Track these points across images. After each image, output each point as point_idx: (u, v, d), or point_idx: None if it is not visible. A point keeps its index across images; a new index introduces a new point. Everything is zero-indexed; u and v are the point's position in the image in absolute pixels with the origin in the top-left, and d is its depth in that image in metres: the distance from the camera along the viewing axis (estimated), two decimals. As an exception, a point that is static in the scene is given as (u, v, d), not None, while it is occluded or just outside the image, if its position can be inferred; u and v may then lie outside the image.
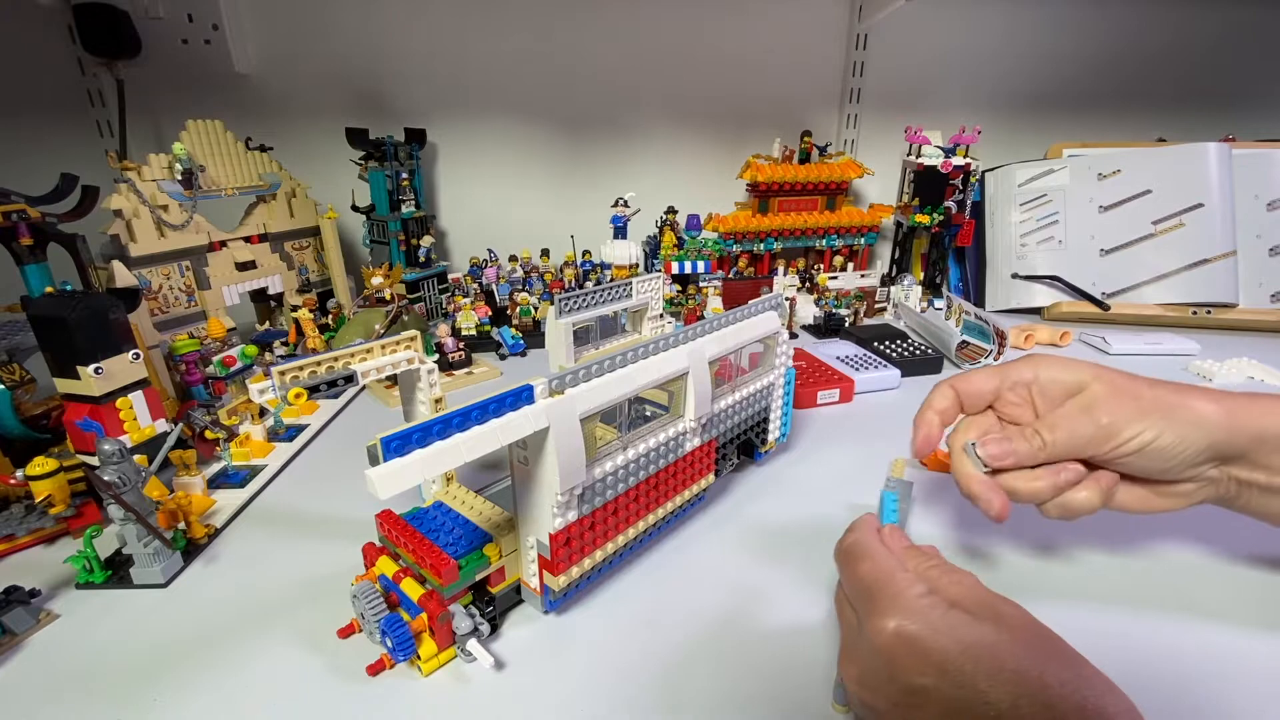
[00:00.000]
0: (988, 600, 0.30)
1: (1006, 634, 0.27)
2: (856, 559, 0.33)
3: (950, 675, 0.26)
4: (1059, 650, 0.28)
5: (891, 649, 0.28)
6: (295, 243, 0.92)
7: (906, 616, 0.28)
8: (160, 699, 0.36)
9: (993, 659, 0.26)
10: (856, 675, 0.30)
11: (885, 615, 0.29)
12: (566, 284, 0.99)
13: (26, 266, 0.61)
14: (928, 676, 0.27)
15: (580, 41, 1.11)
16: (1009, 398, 0.41)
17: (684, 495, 0.48)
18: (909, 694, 0.27)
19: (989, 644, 0.27)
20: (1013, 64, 1.23)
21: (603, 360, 0.39)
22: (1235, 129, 1.15)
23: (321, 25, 1.04)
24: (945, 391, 0.42)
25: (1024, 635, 0.28)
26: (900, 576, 0.31)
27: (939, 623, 0.28)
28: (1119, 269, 1.01)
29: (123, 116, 0.98)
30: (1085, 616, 0.41)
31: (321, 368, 0.40)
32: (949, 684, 0.26)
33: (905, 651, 0.28)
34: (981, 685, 0.26)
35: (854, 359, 0.80)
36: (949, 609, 0.28)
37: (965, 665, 0.26)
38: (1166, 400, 0.36)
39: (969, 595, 0.30)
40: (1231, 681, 0.36)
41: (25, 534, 0.48)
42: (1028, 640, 0.27)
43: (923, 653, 0.27)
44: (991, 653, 0.27)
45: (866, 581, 0.31)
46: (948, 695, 0.26)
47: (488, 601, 0.39)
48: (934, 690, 0.26)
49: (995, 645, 0.27)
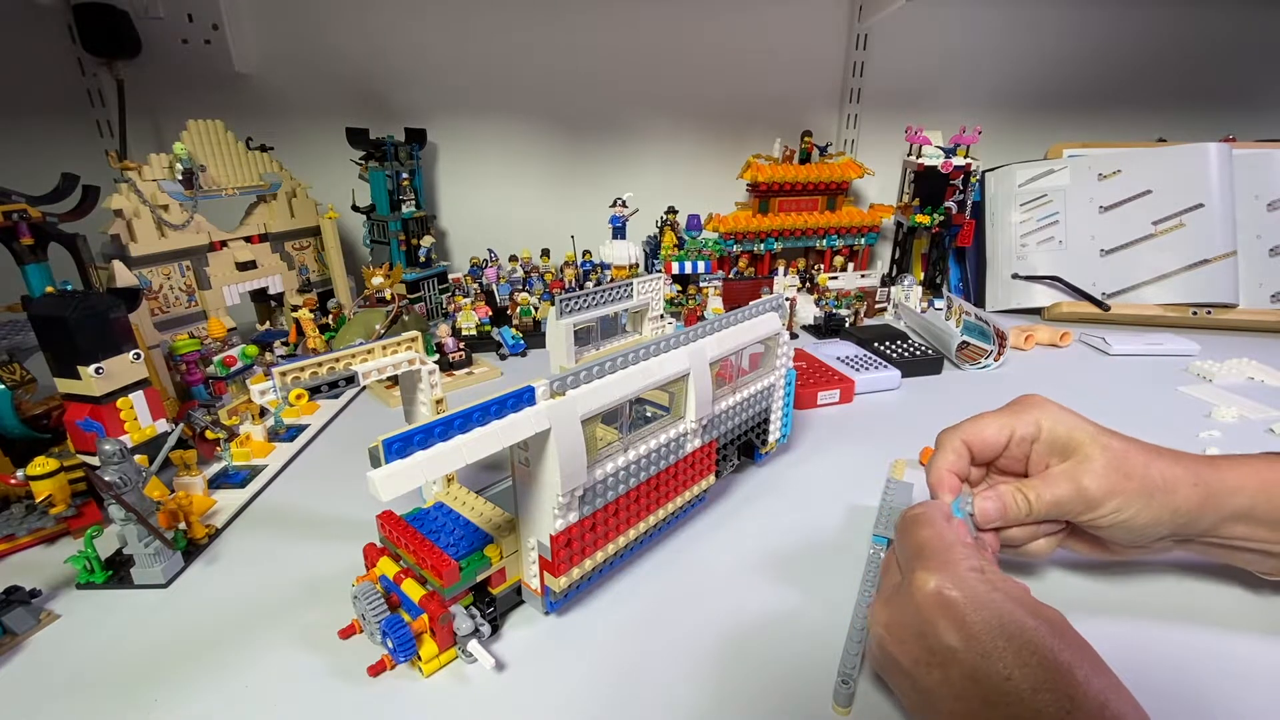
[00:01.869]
0: (1030, 600, 0.30)
1: (1045, 625, 0.28)
2: (920, 525, 0.34)
3: (980, 645, 0.27)
4: (1090, 654, 0.28)
5: (929, 606, 0.29)
6: (296, 243, 0.92)
7: (951, 581, 0.29)
8: (160, 699, 0.36)
9: (1025, 642, 0.27)
10: (885, 621, 0.30)
11: (931, 573, 0.29)
12: (567, 284, 0.99)
13: (27, 266, 0.61)
14: (957, 640, 0.27)
15: (580, 41, 1.11)
16: (1014, 451, 0.41)
17: (685, 496, 0.48)
18: (933, 653, 0.28)
19: (1025, 627, 0.27)
20: (1013, 64, 1.23)
21: (604, 361, 0.39)
22: (1235, 129, 1.15)
23: (321, 25, 1.04)
24: (957, 446, 0.41)
25: (1060, 631, 0.28)
26: (958, 549, 0.31)
27: (982, 596, 0.28)
28: (1119, 269, 1.01)
29: (123, 116, 0.98)
30: (1083, 620, 0.41)
31: (322, 368, 0.40)
32: (976, 653, 0.27)
33: (941, 611, 0.28)
34: (1009, 662, 0.26)
35: (854, 359, 0.80)
36: (993, 589, 0.29)
37: (998, 641, 0.27)
38: (1151, 480, 0.37)
39: (1015, 589, 0.30)
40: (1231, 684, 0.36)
41: (26, 534, 0.48)
42: (1064, 636, 0.28)
43: (959, 617, 0.28)
44: (1026, 636, 0.27)
45: (923, 544, 0.32)
46: (971, 663, 0.27)
47: (488, 602, 0.39)
48: (960, 654, 0.27)
49: (1032, 630, 0.27)
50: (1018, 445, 0.40)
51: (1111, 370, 0.84)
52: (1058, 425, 0.39)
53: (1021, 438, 0.40)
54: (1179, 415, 0.69)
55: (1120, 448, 0.37)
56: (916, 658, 0.29)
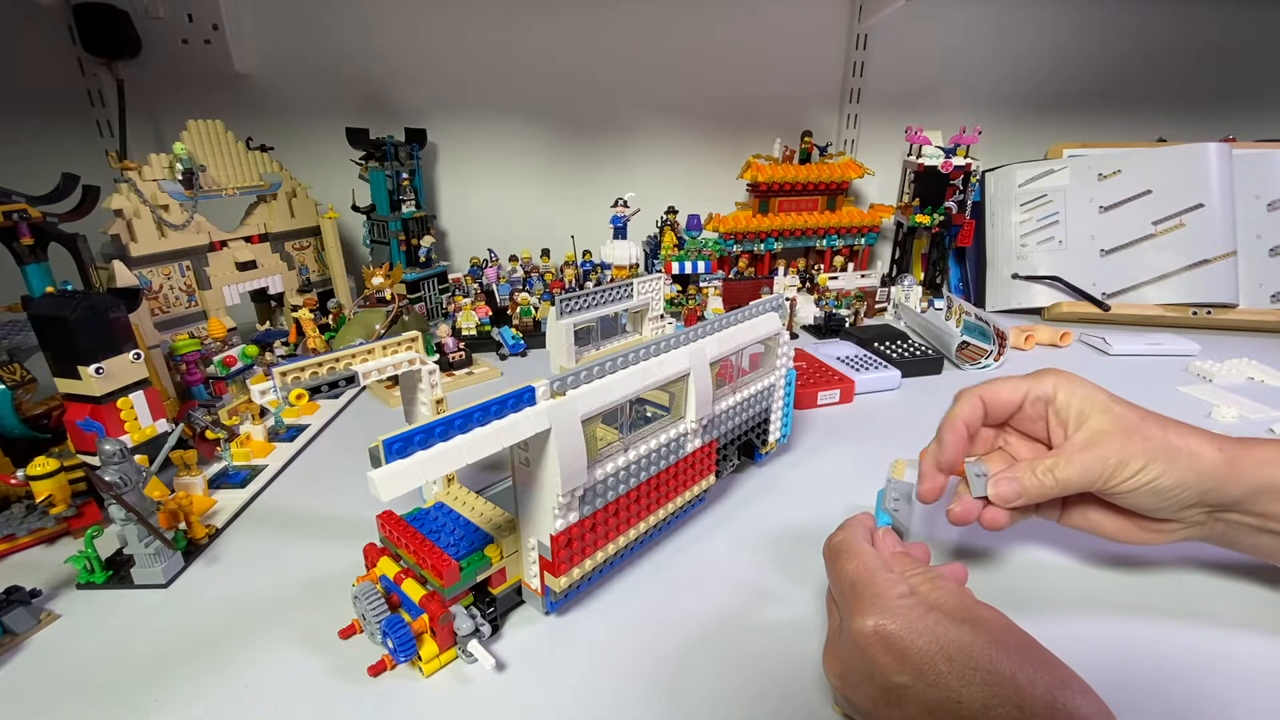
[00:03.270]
0: (966, 604, 0.30)
1: (982, 636, 0.28)
2: (843, 557, 0.34)
3: (926, 675, 0.27)
4: (1032, 652, 0.28)
5: (871, 647, 0.29)
6: (296, 243, 0.92)
7: (886, 616, 0.29)
8: (160, 699, 0.35)
9: (966, 659, 0.27)
10: (839, 672, 0.31)
11: (866, 614, 0.29)
12: (567, 284, 0.99)
13: (27, 266, 0.61)
14: (905, 675, 0.27)
15: (580, 41, 1.11)
16: (1028, 411, 0.41)
17: (685, 496, 0.48)
18: (887, 692, 0.28)
19: (963, 644, 0.27)
20: (1013, 64, 1.23)
21: (604, 361, 0.39)
22: (1235, 129, 1.15)
23: (322, 25, 1.04)
24: (974, 401, 0.42)
25: (998, 637, 0.28)
26: (883, 577, 0.31)
27: (917, 623, 0.28)
28: (1119, 269, 1.01)
29: (123, 116, 0.98)
30: (1083, 622, 0.41)
31: (323, 368, 0.40)
32: (924, 683, 0.27)
33: (883, 650, 0.28)
34: (954, 685, 0.27)
35: (854, 359, 0.80)
36: (928, 610, 0.29)
37: (940, 665, 0.27)
38: (1172, 444, 0.37)
39: (949, 599, 0.31)
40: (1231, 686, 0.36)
41: (26, 534, 0.48)
42: (1002, 642, 0.28)
43: (900, 652, 0.28)
44: (965, 653, 0.27)
45: (850, 579, 0.32)
46: (923, 694, 0.27)
47: (489, 602, 0.39)
48: (911, 688, 0.27)
49: (969, 646, 0.27)
50: (1032, 405, 0.41)
51: (1111, 370, 0.84)
52: (1075, 388, 0.39)
53: (1036, 397, 0.40)
54: (1179, 415, 0.67)
55: (1136, 414, 0.38)
56: (874, 699, 0.29)
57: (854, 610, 0.30)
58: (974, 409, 0.41)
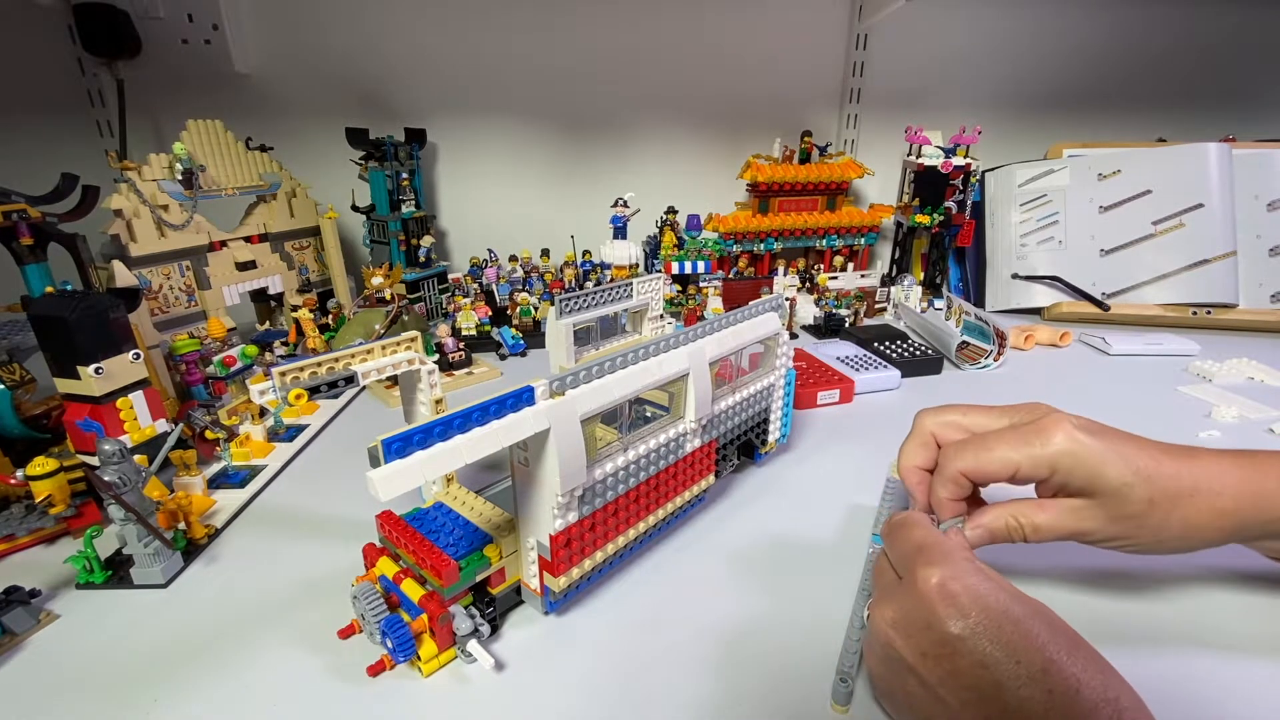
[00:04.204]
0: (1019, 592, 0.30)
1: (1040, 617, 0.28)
2: (909, 527, 0.34)
3: (989, 630, 0.27)
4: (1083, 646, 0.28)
5: (935, 597, 0.29)
6: (295, 243, 0.92)
7: (955, 572, 0.29)
8: (160, 700, 0.36)
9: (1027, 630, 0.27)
10: (892, 618, 0.30)
11: (934, 566, 0.30)
12: (566, 284, 0.99)
13: (27, 266, 0.61)
14: (965, 628, 0.28)
15: (580, 41, 1.11)
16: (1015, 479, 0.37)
17: (684, 496, 0.48)
18: (942, 643, 0.28)
19: (1023, 615, 0.28)
20: (1013, 64, 1.23)
21: (603, 361, 0.39)
22: (1235, 129, 1.15)
23: (322, 25, 1.04)
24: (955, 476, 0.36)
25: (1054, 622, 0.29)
26: (952, 543, 0.32)
27: (984, 584, 0.29)
28: (1119, 269, 1.01)
29: (123, 116, 0.98)
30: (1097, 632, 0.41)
31: (322, 368, 0.40)
32: (986, 638, 0.27)
33: (948, 601, 0.28)
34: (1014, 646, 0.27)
35: (854, 359, 0.80)
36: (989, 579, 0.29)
37: (1004, 624, 0.27)
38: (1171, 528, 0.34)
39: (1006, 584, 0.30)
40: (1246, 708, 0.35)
41: (25, 534, 0.48)
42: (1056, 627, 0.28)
43: (965, 605, 0.28)
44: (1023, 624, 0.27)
45: (918, 542, 0.32)
46: (981, 648, 0.27)
47: (488, 602, 0.39)
48: (969, 641, 0.27)
49: (1029, 618, 0.28)
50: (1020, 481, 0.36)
51: (1111, 370, 0.84)
52: (1076, 468, 0.34)
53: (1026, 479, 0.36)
54: (1179, 415, 0.69)
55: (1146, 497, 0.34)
56: (924, 650, 0.29)
57: (922, 563, 0.30)
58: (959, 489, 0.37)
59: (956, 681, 0.28)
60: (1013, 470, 0.35)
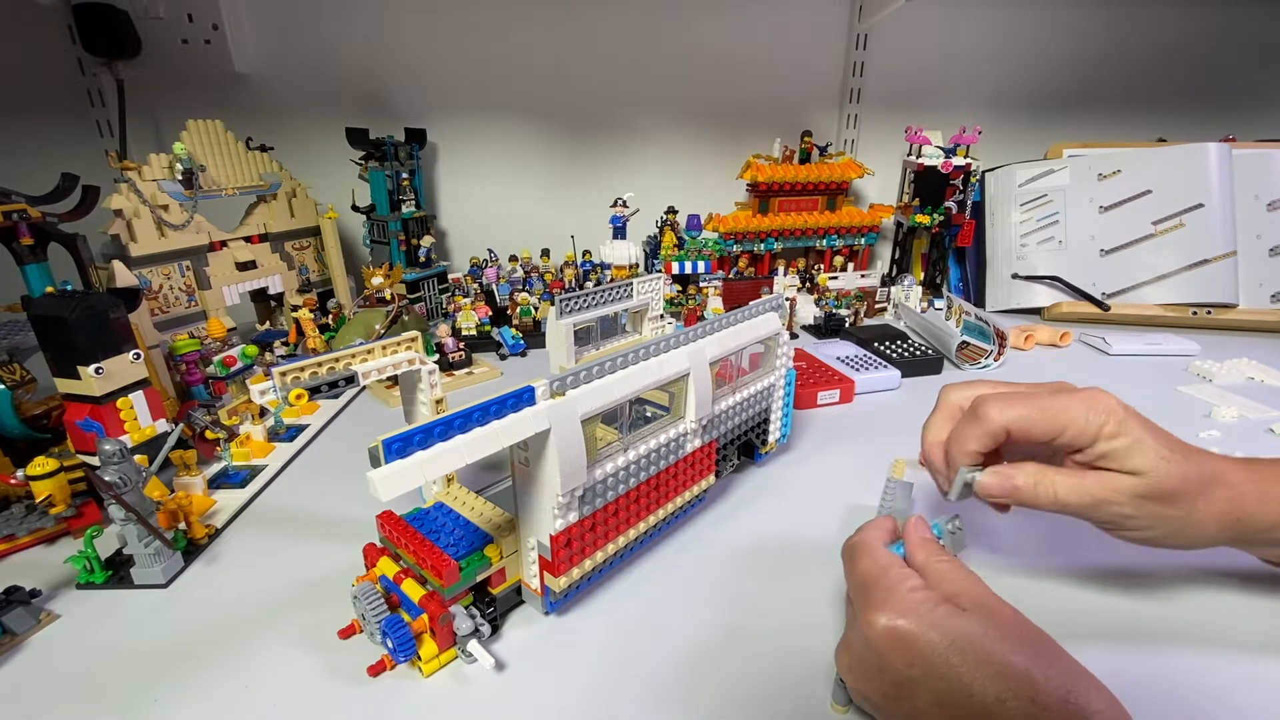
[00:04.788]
0: (981, 594, 0.30)
1: (994, 628, 0.28)
2: (857, 555, 0.34)
3: (937, 667, 0.27)
4: (1046, 646, 0.28)
5: (881, 642, 0.29)
6: (295, 243, 0.92)
7: (897, 611, 0.29)
8: (160, 699, 0.35)
9: (979, 651, 0.27)
10: (848, 665, 0.31)
11: (877, 610, 0.29)
12: (566, 284, 0.99)
13: (27, 266, 0.61)
14: (915, 668, 0.28)
15: (580, 41, 1.11)
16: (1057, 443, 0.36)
17: (684, 496, 0.48)
18: (897, 685, 0.28)
19: (975, 637, 0.27)
20: (1013, 64, 1.23)
21: (604, 361, 0.39)
22: (1235, 129, 1.15)
23: (322, 25, 1.04)
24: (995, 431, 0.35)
25: (1012, 631, 0.28)
26: (895, 572, 0.31)
27: (928, 617, 0.28)
28: (1119, 269, 1.01)
29: (123, 116, 0.98)
30: (1088, 628, 0.41)
31: (322, 368, 0.40)
32: (935, 676, 0.27)
33: (894, 645, 0.28)
34: (967, 677, 0.27)
35: (854, 359, 0.80)
36: (939, 603, 0.29)
37: (951, 657, 0.27)
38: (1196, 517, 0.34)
39: (966, 591, 0.30)
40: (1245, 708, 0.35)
41: (26, 534, 0.48)
42: (1016, 635, 0.28)
43: (910, 646, 0.28)
44: (978, 645, 0.27)
45: (862, 577, 0.32)
46: (934, 686, 0.27)
47: (488, 602, 0.39)
48: (921, 681, 0.27)
49: (982, 638, 0.27)
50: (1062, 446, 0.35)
51: (1111, 370, 0.84)
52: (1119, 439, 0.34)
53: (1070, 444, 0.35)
54: (1179, 415, 0.69)
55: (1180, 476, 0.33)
56: (885, 693, 0.29)
57: (866, 607, 0.30)
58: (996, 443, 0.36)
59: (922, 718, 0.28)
60: (1059, 431, 0.34)
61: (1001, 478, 0.36)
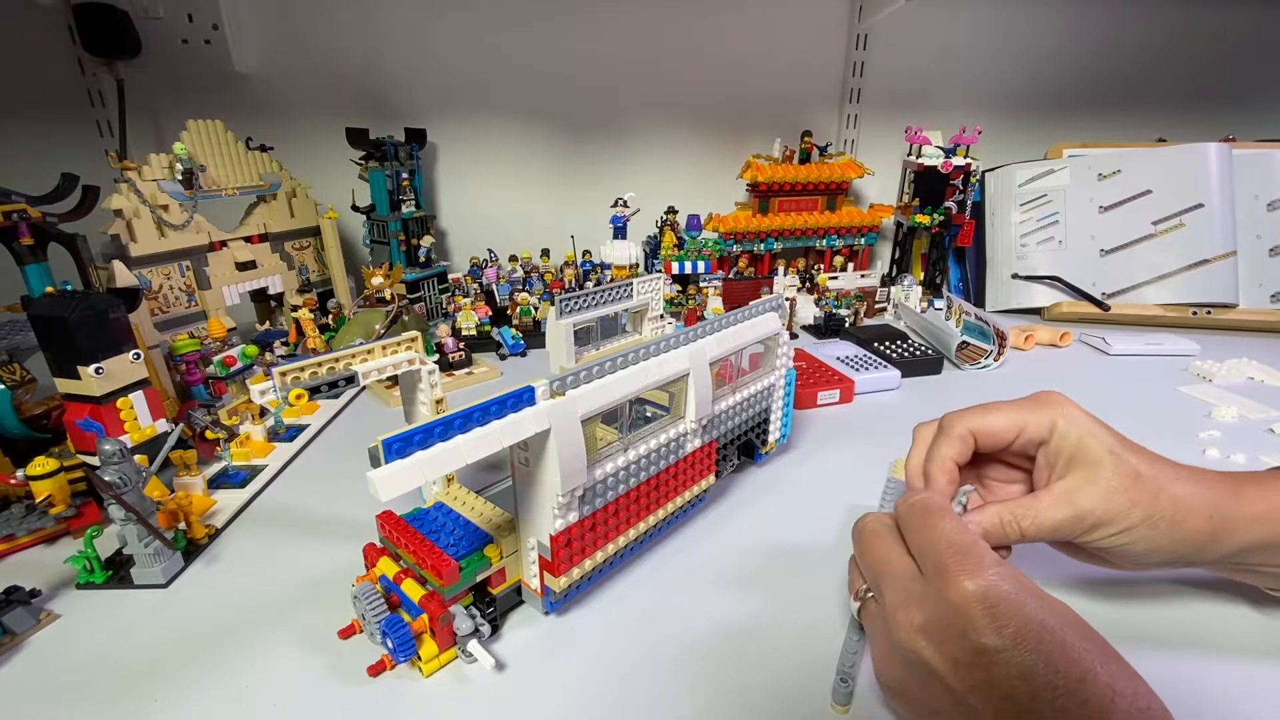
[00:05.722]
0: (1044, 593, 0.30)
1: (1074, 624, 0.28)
2: (937, 515, 0.32)
3: (1029, 638, 0.27)
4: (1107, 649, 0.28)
5: (974, 607, 0.28)
6: (295, 243, 0.92)
7: (994, 579, 0.28)
8: (160, 699, 0.35)
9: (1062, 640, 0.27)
10: (921, 623, 0.29)
11: (971, 574, 0.29)
12: (567, 284, 0.99)
13: (27, 266, 0.61)
14: (1006, 635, 0.27)
15: (580, 41, 1.11)
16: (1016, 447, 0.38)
17: (685, 496, 0.48)
18: (978, 653, 0.27)
19: (1059, 623, 0.27)
20: (1013, 64, 1.23)
21: (604, 361, 0.39)
22: (1235, 129, 1.15)
23: (322, 25, 1.04)
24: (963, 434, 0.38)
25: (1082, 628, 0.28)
26: (982, 544, 0.31)
27: (1020, 593, 0.28)
28: (1119, 269, 1.01)
29: (123, 116, 0.98)
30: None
31: (322, 368, 0.40)
32: (1025, 648, 0.27)
33: (988, 612, 0.28)
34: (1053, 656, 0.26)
35: (854, 359, 0.80)
36: (1020, 586, 0.29)
37: (1043, 636, 0.27)
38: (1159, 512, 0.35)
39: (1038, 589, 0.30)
40: None
41: (26, 534, 0.48)
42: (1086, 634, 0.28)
43: (1005, 616, 0.27)
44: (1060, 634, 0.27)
45: (949, 538, 0.31)
46: (1021, 661, 0.27)
47: (488, 602, 0.39)
48: (1008, 653, 0.27)
49: (1064, 626, 0.27)
50: (1023, 444, 0.38)
51: (1111, 370, 0.84)
52: (1071, 430, 0.36)
53: (1030, 438, 0.37)
54: (1179, 415, 0.69)
55: (1133, 469, 0.35)
56: (957, 659, 0.28)
57: (956, 568, 0.29)
58: (965, 448, 0.38)
59: (991, 692, 0.27)
60: (1018, 428, 0.37)
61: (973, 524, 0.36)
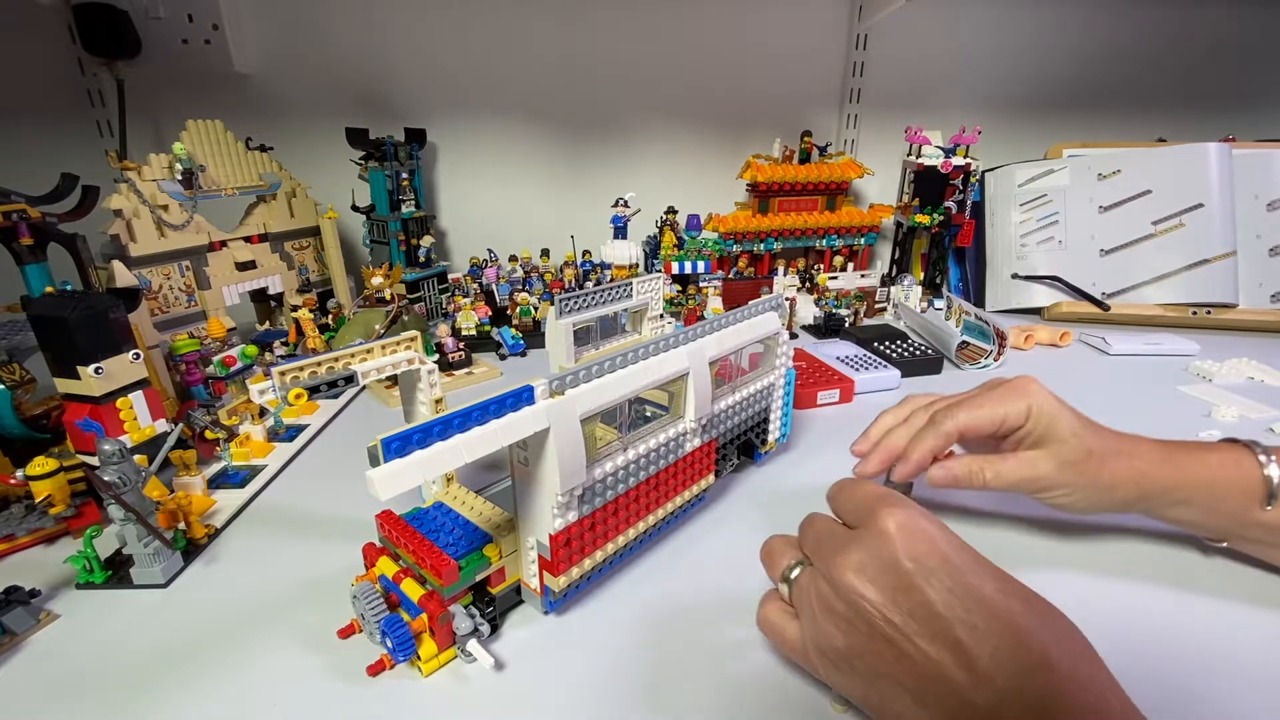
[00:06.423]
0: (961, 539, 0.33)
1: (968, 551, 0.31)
2: (860, 483, 0.36)
3: (951, 558, 0.29)
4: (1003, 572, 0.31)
5: (901, 533, 0.30)
6: (295, 243, 0.92)
7: (916, 511, 0.31)
8: (160, 700, 0.35)
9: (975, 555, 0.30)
10: (858, 561, 0.31)
11: (893, 510, 0.31)
12: (566, 284, 0.99)
13: (27, 266, 0.61)
14: (932, 558, 0.29)
15: (580, 41, 1.11)
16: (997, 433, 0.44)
17: (684, 496, 0.48)
18: (911, 575, 0.29)
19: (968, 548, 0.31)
20: (1013, 64, 1.23)
21: (603, 361, 0.39)
22: (1235, 129, 1.15)
23: (322, 25, 1.04)
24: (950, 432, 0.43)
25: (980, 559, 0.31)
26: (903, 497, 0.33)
27: (937, 521, 0.31)
28: (1119, 269, 1.01)
29: (123, 116, 0.98)
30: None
31: (322, 368, 0.40)
32: (950, 567, 0.29)
33: (914, 536, 0.30)
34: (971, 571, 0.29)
35: (854, 359, 0.80)
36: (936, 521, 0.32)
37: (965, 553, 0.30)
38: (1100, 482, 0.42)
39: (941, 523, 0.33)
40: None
41: (25, 534, 0.48)
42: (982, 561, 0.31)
43: (930, 539, 0.30)
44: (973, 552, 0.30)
45: (877, 491, 0.34)
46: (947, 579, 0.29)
47: (488, 602, 0.39)
48: (936, 571, 0.29)
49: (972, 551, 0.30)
50: (1001, 430, 0.43)
51: (1111, 370, 0.84)
52: (1043, 415, 0.42)
53: (1008, 425, 0.43)
54: (1179, 415, 0.69)
55: (1086, 447, 0.42)
56: (894, 586, 0.29)
57: (879, 510, 0.31)
58: (949, 443, 0.43)
59: (927, 610, 0.28)
60: (1000, 420, 0.43)
61: (945, 470, 0.43)
